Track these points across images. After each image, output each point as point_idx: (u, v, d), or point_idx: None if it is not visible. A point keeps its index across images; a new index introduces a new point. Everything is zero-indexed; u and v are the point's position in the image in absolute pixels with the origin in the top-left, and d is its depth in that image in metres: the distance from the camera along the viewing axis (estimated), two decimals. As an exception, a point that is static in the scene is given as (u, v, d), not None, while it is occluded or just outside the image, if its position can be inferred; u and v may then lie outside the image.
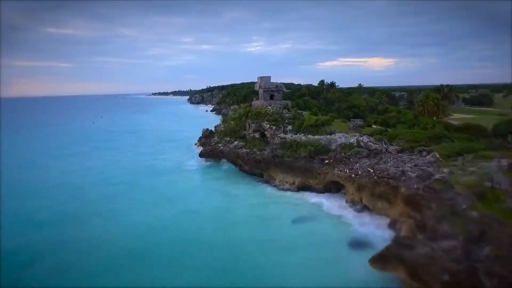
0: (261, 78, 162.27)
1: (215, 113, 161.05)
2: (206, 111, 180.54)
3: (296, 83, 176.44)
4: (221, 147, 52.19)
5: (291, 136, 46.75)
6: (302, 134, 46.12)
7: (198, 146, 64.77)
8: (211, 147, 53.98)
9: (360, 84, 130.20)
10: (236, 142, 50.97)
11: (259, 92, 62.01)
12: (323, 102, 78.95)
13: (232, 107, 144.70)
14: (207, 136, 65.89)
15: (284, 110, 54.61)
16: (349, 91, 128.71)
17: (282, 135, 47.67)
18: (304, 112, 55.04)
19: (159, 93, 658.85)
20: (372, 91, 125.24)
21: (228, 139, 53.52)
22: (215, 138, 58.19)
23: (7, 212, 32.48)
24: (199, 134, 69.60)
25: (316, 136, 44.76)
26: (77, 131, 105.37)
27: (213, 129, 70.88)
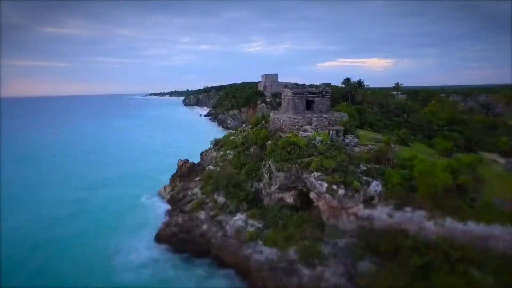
0: (266, 76, 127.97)
1: (210, 119, 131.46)
2: (200, 115, 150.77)
3: (300, 83, 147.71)
4: (203, 224, 22.41)
5: (391, 217, 17.31)
6: (423, 211, 16.68)
7: (168, 194, 35.01)
8: (182, 219, 24.09)
9: (397, 84, 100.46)
10: (239, 219, 21.12)
11: (284, 97, 32.27)
12: (378, 112, 49.11)
13: (231, 112, 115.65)
14: (183, 175, 36.12)
15: (348, 136, 24.59)
16: (382, 92, 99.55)
17: (362, 209, 18.14)
18: (375, 137, 25.06)
19: (156, 94, 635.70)
20: (413, 92, 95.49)
21: (222, 201, 23.67)
22: (197, 188, 28.23)
23: None
24: (180, 158, 39.91)
25: (471, 224, 15.32)
26: (14, 145, 75.72)
27: (199, 156, 41.38)
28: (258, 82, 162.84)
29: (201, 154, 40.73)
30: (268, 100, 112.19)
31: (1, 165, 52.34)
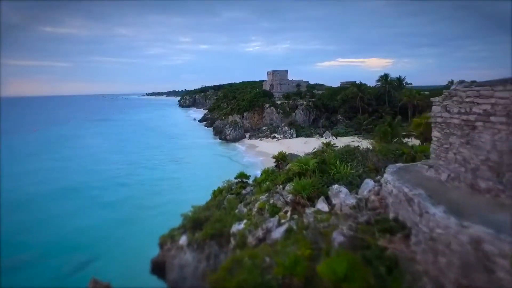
0: (273, 73, 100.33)
1: (206, 125, 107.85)
2: (194, 119, 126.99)
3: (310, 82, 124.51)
4: None
5: None
6: None
7: None
8: None
9: (451, 81, 76.78)
10: None
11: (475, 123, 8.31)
12: None
13: (230, 118, 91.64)
14: None
15: None
16: (429, 92, 76.10)
17: None
18: None
19: (153, 94, 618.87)
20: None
21: None
22: None
23: None
24: (95, 278, 16.07)
25: None
26: None
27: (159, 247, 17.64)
28: (263, 82, 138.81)
29: (162, 245, 17.06)
30: (279, 103, 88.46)
31: None
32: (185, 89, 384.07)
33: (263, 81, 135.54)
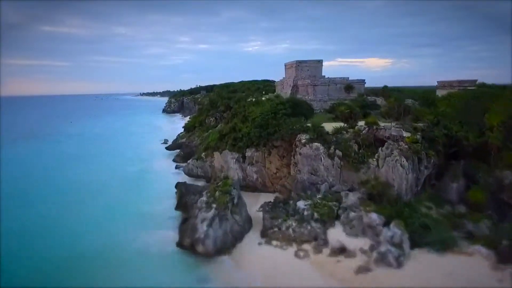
0: (296, 65, 60.84)
1: (179, 158, 60.96)
2: (164, 142, 79.70)
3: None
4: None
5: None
6: None
7: None
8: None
9: None
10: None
11: None
12: None
13: (216, 160, 43.20)
14: None
15: None
16: None
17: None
18: None
19: (147, 94, 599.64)
20: None
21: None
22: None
23: None
24: None
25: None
26: None
27: None
28: (273, 82, 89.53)
29: None
30: (331, 127, 36.20)
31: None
32: (180, 89, 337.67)
33: (268, 80, 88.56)
